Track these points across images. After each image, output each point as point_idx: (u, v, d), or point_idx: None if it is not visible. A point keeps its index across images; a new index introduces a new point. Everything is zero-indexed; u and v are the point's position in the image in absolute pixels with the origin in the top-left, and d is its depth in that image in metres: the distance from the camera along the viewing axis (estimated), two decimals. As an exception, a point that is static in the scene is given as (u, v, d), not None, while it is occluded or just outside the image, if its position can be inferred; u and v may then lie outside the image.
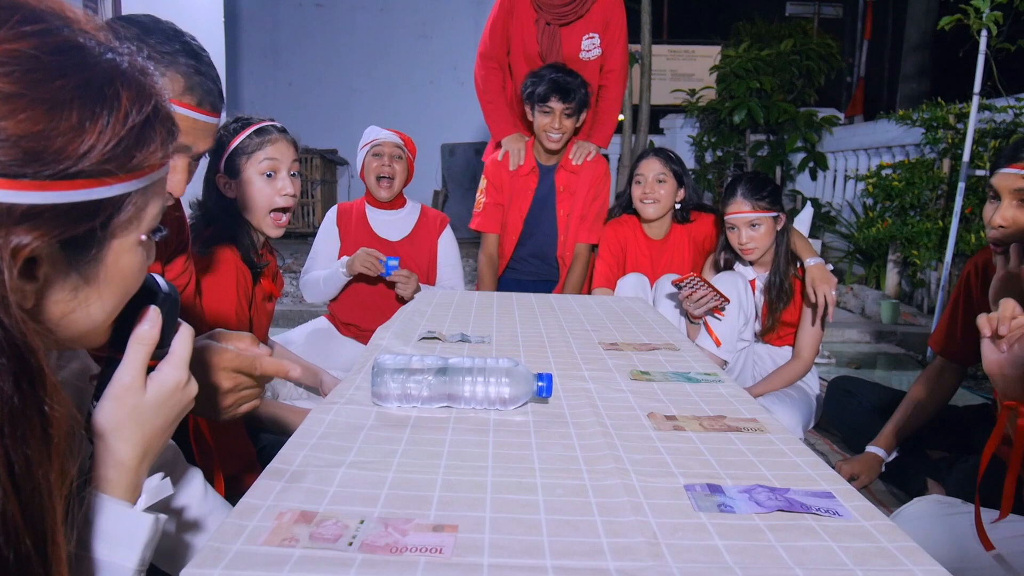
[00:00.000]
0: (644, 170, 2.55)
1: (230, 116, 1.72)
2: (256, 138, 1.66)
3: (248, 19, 8.26)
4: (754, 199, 2.26)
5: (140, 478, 0.70)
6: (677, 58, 9.38)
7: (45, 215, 0.51)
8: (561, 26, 2.86)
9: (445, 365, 1.10)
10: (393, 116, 7.87)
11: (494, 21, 2.93)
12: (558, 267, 2.88)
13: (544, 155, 2.83)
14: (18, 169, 0.50)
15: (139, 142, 0.58)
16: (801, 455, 0.99)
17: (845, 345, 4.19)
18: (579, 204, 2.79)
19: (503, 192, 2.85)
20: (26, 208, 0.50)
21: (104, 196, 0.55)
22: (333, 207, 2.70)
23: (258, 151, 1.65)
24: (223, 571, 0.65)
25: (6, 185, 0.49)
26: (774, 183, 2.35)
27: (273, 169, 1.66)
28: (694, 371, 1.40)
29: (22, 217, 0.50)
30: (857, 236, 5.14)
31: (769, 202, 2.27)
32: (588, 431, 1.05)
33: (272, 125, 1.69)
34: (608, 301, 2.19)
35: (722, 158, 7.10)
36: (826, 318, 2.30)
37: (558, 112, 2.66)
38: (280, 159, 1.67)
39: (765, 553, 0.73)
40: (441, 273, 2.63)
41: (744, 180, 2.31)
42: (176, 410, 0.72)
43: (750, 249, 2.29)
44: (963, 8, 3.38)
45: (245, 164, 1.65)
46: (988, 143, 4.21)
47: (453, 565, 0.68)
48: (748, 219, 2.26)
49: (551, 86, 2.65)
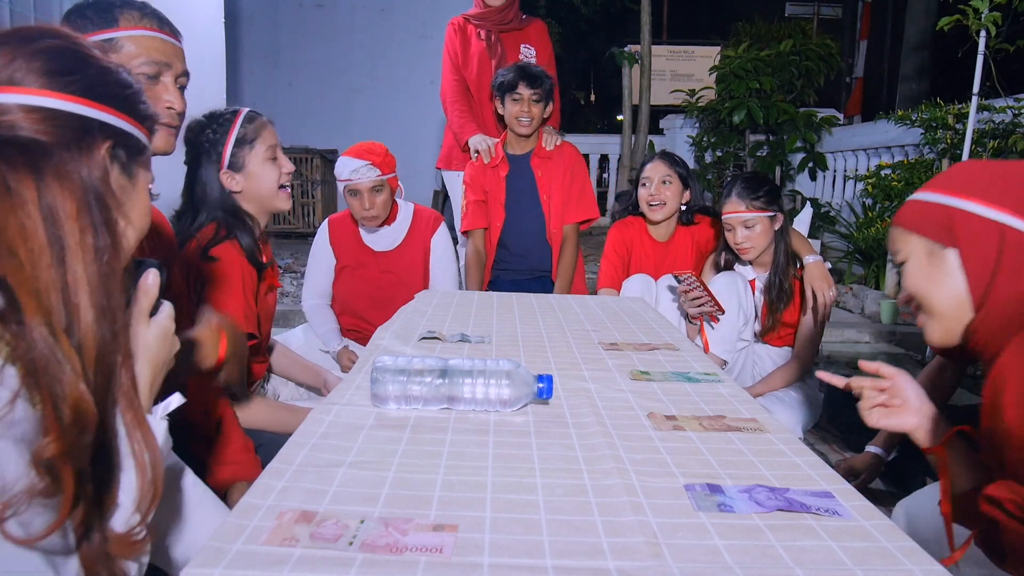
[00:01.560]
0: (650, 173, 2.55)
1: (195, 119, 1.74)
2: (249, 126, 1.71)
3: (248, 19, 8.25)
4: (749, 199, 2.26)
5: (152, 396, 0.84)
6: (677, 58, 9.39)
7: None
8: (501, 32, 3.26)
9: (445, 367, 1.10)
10: (393, 116, 7.87)
11: (446, 51, 3.30)
12: (550, 251, 2.95)
13: (516, 145, 2.95)
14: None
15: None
16: (801, 455, 0.99)
17: (844, 345, 4.19)
18: (557, 189, 2.91)
19: (480, 189, 2.95)
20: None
21: (127, 130, 0.79)
22: (324, 223, 2.65)
23: (256, 140, 1.70)
24: (223, 571, 0.65)
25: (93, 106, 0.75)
26: (771, 183, 2.36)
27: (274, 154, 1.73)
28: (694, 371, 1.40)
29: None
30: (856, 236, 5.14)
31: (765, 202, 2.27)
32: (588, 431, 1.05)
33: (252, 111, 1.75)
34: (608, 301, 2.19)
35: (722, 158, 7.10)
36: (825, 318, 2.31)
37: (526, 98, 2.81)
38: (275, 143, 1.75)
39: (765, 553, 0.73)
40: (433, 276, 2.58)
41: (740, 180, 2.33)
42: (167, 351, 0.86)
43: (746, 249, 2.30)
44: (962, 9, 3.38)
45: (248, 155, 1.69)
46: (987, 143, 4.21)
47: (453, 565, 0.68)
48: (743, 219, 2.27)
49: (518, 74, 2.84)
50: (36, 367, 0.65)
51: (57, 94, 0.72)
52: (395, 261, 2.54)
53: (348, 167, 2.44)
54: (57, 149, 0.70)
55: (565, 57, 12.41)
